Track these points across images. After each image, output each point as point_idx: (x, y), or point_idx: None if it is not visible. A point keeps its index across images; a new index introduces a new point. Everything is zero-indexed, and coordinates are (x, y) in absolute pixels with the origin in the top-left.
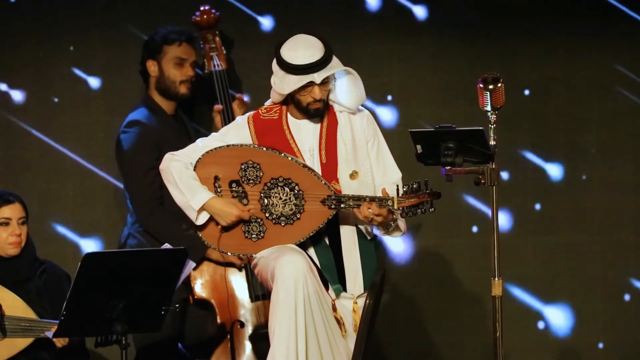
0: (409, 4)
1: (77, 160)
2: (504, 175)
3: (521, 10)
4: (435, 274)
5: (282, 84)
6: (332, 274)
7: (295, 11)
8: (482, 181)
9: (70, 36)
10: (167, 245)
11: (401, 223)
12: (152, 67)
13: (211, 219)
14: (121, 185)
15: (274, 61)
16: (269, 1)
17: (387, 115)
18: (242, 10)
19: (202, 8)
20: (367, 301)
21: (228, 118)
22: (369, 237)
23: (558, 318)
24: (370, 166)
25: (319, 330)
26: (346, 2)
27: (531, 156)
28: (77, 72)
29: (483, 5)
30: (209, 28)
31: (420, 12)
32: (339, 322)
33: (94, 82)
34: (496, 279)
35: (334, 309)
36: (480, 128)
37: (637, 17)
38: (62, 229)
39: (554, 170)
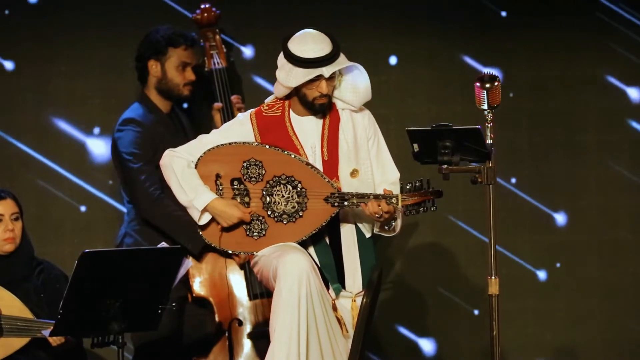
0: (406, 1)
1: (73, 160)
2: (501, 174)
3: (518, 8)
4: (432, 272)
5: (289, 77)
6: (332, 274)
7: (294, 8)
8: (479, 180)
9: (67, 35)
10: (163, 244)
11: (398, 222)
12: (154, 67)
13: (213, 217)
14: (118, 184)
15: (281, 55)
16: None
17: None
18: (240, 8)
19: (202, 6)
20: (364, 299)
21: (227, 116)
22: (367, 235)
23: (555, 316)
24: (371, 165)
25: (320, 329)
26: (344, 0)
27: (528, 154)
28: (74, 71)
29: (480, 4)
30: (210, 26)
31: (417, 10)
32: (340, 322)
33: (90, 80)
34: (493, 277)
35: (335, 308)
36: (477, 127)
37: (633, 18)
38: (58, 228)
39: (551, 169)
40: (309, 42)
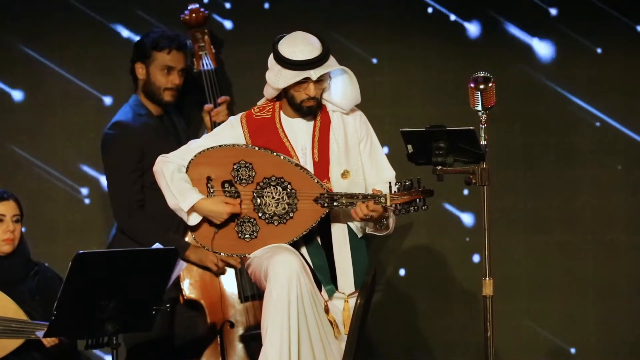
0: (400, 3)
1: (68, 161)
2: (495, 174)
3: (513, 9)
4: (426, 273)
5: (278, 78)
6: (325, 275)
7: (287, 10)
8: (473, 181)
9: (61, 36)
10: (158, 245)
11: (390, 221)
12: (140, 70)
13: (204, 220)
14: None
15: (271, 56)
16: None
17: (378, 114)
18: (232, 8)
19: (190, 7)
20: (358, 301)
21: None
22: (359, 235)
23: (549, 317)
24: (362, 166)
25: (312, 330)
26: (337, 1)
27: (523, 156)
28: (68, 71)
29: (475, 4)
30: (198, 27)
31: (412, 11)
32: (332, 324)
33: (84, 81)
34: (487, 278)
35: (327, 310)
36: (471, 128)
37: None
38: (53, 229)
39: (546, 170)
40: (299, 44)
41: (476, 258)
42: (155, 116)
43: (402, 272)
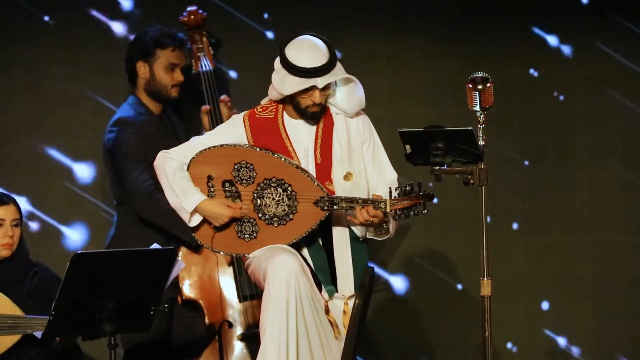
0: (398, 3)
1: (66, 161)
2: (493, 175)
3: (511, 9)
4: (425, 273)
5: (283, 84)
6: (325, 275)
7: (285, 10)
8: (471, 181)
9: (59, 36)
10: (156, 245)
11: (391, 226)
12: (142, 68)
13: (205, 219)
14: (109, 185)
15: (277, 59)
16: None
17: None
18: (230, 9)
19: (189, 8)
20: (357, 301)
21: (216, 118)
22: (360, 238)
23: (548, 318)
24: (365, 168)
25: (311, 330)
26: (336, 1)
27: (521, 156)
28: (66, 72)
29: (473, 5)
30: (197, 28)
31: (410, 11)
32: (332, 324)
33: (82, 82)
34: (485, 279)
35: (327, 311)
36: (469, 128)
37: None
38: (51, 229)
39: (543, 170)
40: (305, 49)
41: (475, 258)
42: (155, 115)
43: (400, 272)
